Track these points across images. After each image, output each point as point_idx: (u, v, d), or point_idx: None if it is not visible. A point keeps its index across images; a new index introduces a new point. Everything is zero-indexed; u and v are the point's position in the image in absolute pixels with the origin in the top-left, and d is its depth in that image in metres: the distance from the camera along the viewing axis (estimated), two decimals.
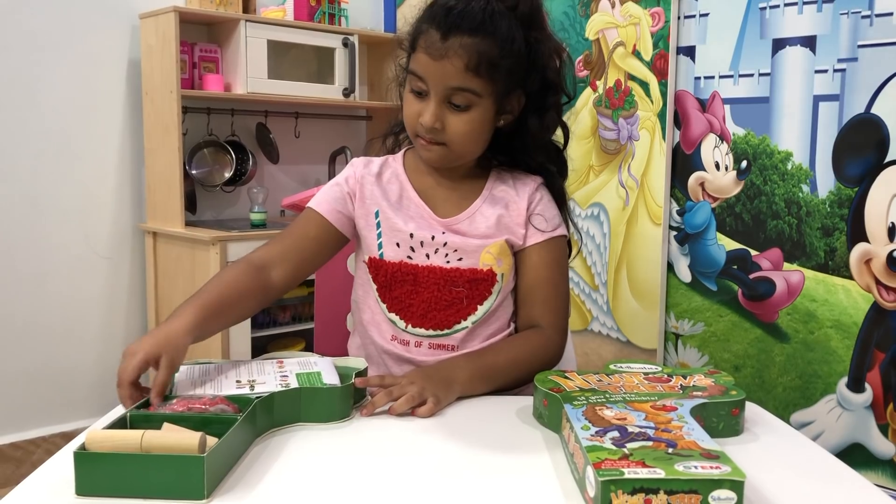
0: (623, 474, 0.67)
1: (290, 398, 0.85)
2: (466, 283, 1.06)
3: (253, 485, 0.70)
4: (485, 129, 1.04)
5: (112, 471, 0.66)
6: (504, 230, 1.08)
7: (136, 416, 0.78)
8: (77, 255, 2.43)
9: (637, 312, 2.16)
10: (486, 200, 1.09)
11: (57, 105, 2.35)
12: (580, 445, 0.74)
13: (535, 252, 1.09)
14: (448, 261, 1.06)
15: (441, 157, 1.05)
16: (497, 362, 1.01)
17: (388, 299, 1.08)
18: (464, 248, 1.06)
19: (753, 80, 1.90)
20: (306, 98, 2.56)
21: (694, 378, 0.97)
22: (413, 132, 1.05)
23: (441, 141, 1.02)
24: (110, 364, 2.48)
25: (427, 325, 1.07)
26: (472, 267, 1.06)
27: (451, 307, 1.07)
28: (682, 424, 0.81)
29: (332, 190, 1.11)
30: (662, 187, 2.07)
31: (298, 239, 1.07)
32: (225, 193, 2.66)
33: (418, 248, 1.07)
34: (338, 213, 1.09)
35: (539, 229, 1.09)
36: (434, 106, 1.00)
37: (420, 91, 1.01)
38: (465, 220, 1.08)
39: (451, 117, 1.01)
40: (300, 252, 1.07)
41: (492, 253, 1.07)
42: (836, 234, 1.74)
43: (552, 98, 1.06)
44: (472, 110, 1.01)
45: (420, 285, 1.06)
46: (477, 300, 1.07)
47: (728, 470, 0.69)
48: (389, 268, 1.07)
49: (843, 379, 1.74)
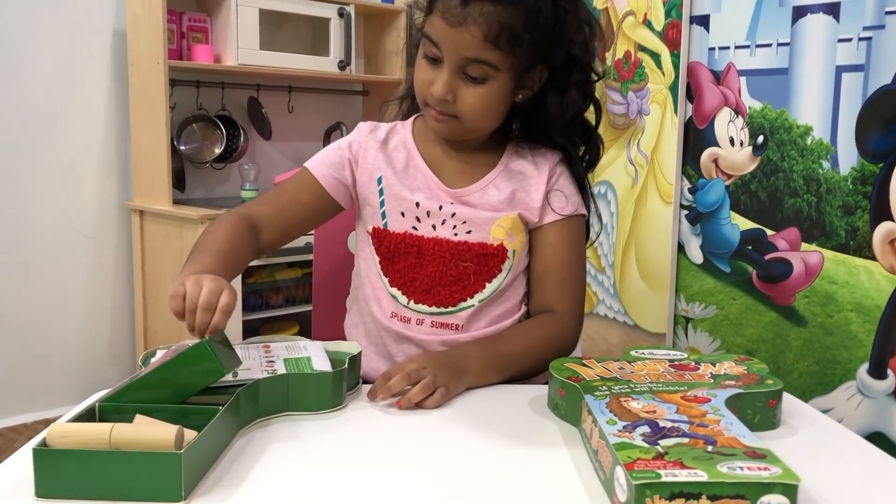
0: (660, 477, 0.60)
1: (277, 386, 0.79)
2: (474, 257, 1.00)
3: (236, 483, 0.65)
4: (500, 104, 0.97)
5: (76, 470, 0.60)
6: (518, 205, 1.02)
7: (107, 408, 0.72)
8: (60, 235, 2.36)
9: (645, 295, 2.09)
10: (502, 174, 1.03)
11: (38, 77, 2.27)
12: (606, 442, 0.67)
13: (553, 231, 1.02)
14: (456, 233, 1.00)
15: (451, 130, 0.98)
16: (512, 351, 0.95)
17: (391, 273, 1.02)
18: (473, 220, 1.00)
19: (771, 51, 1.81)
20: (300, 71, 2.47)
21: (724, 365, 0.90)
22: (423, 100, 0.98)
23: (452, 113, 0.95)
24: (95, 348, 2.43)
25: (430, 301, 1.00)
26: (482, 241, 1.00)
27: (457, 283, 1.00)
28: (719, 418, 0.73)
29: (333, 153, 1.04)
30: (673, 164, 1.99)
31: (289, 202, 1.02)
32: (215, 171, 2.58)
33: (424, 219, 1.00)
34: (334, 179, 1.02)
35: (558, 207, 1.02)
36: (447, 76, 0.93)
37: (434, 57, 0.94)
38: (476, 192, 1.01)
39: (464, 89, 0.94)
40: (290, 217, 1.02)
41: (503, 227, 1.00)
42: (859, 212, 1.67)
43: (577, 75, 0.98)
44: (488, 84, 0.94)
45: (424, 258, 1.00)
46: (485, 277, 1.01)
47: (779, 472, 0.61)
48: (393, 239, 1.01)
49: (864, 365, 1.67)
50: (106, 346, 2.46)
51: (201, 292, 0.77)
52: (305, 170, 1.03)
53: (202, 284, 0.78)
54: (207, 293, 0.77)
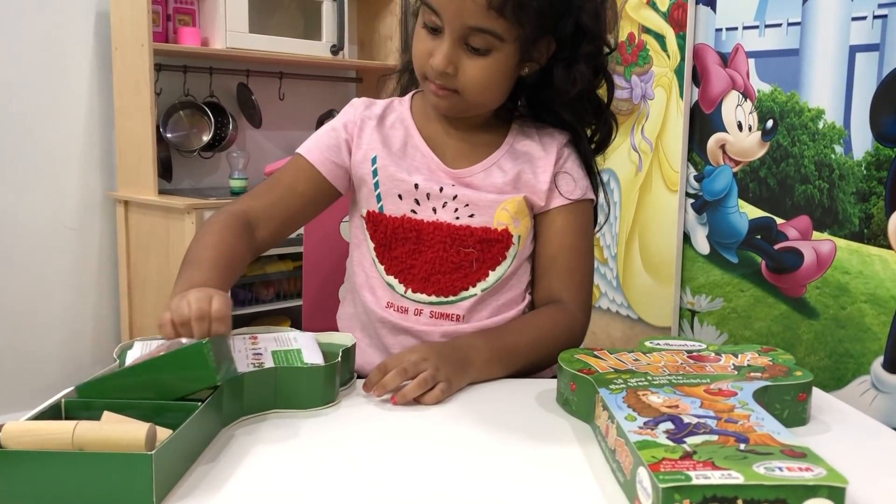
0: (690, 479, 0.53)
1: (264, 380, 0.73)
2: (477, 243, 0.94)
3: (216, 488, 0.59)
4: (504, 77, 0.91)
5: (34, 473, 0.54)
6: (524, 187, 0.96)
7: (74, 404, 0.66)
8: (41, 227, 2.29)
9: (650, 288, 2.03)
10: (507, 154, 0.97)
11: (17, 61, 2.19)
12: (626, 440, 0.61)
13: (560, 216, 0.97)
14: (458, 217, 0.94)
15: (452, 105, 0.92)
16: (518, 343, 0.89)
17: (387, 260, 0.96)
18: (476, 203, 0.94)
19: (781, 31, 1.76)
20: (291, 55, 2.40)
21: (747, 356, 0.84)
22: (422, 74, 0.92)
23: (452, 88, 0.89)
24: (79, 344, 2.36)
25: (429, 290, 0.94)
26: (485, 225, 0.94)
27: (458, 270, 0.94)
28: (749, 413, 0.67)
29: (327, 136, 0.98)
30: (679, 150, 1.94)
31: (285, 192, 0.95)
32: (203, 160, 2.50)
33: (424, 202, 0.94)
34: (331, 163, 0.96)
35: (566, 190, 0.96)
36: (448, 47, 0.87)
37: (433, 27, 0.88)
38: (479, 174, 0.95)
39: (466, 61, 0.88)
40: (287, 209, 0.95)
41: (508, 210, 0.94)
42: (873, 199, 1.61)
43: (586, 47, 0.91)
44: (492, 55, 0.87)
45: (423, 244, 0.94)
46: (489, 264, 0.95)
47: (823, 473, 0.54)
48: (390, 223, 0.95)
49: (879, 358, 1.62)
50: (90, 341, 2.39)
51: (189, 305, 0.71)
52: (299, 156, 0.97)
53: (187, 298, 0.72)
54: (196, 303, 0.70)
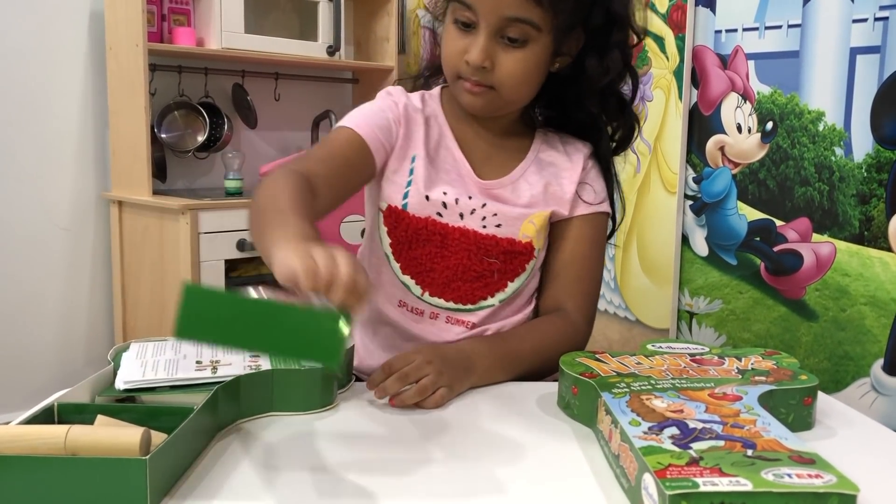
0: (698, 486, 0.52)
1: (261, 382, 0.72)
2: (501, 254, 0.93)
3: (211, 493, 0.58)
4: (539, 71, 0.89)
5: (25, 479, 0.53)
6: (551, 200, 0.95)
7: (67, 407, 0.65)
8: (34, 228, 2.26)
9: (648, 289, 2.02)
10: (532, 164, 0.96)
11: (10, 61, 2.17)
12: (630, 445, 0.60)
13: (577, 225, 0.96)
14: (485, 225, 0.92)
15: (487, 103, 0.89)
16: (521, 350, 0.88)
17: (404, 259, 0.93)
18: (505, 215, 0.92)
19: (781, 33, 1.75)
20: (287, 56, 2.38)
21: (751, 360, 0.83)
22: (455, 73, 0.89)
23: (489, 84, 0.87)
24: (72, 345, 2.33)
25: (448, 296, 0.93)
26: (511, 237, 0.93)
27: (480, 280, 0.93)
28: (755, 418, 0.66)
29: (376, 116, 0.91)
30: (678, 152, 1.93)
31: (342, 165, 0.87)
32: (198, 160, 2.48)
33: (451, 206, 0.92)
34: (380, 143, 0.90)
35: (586, 201, 0.96)
36: (484, 40, 0.84)
37: (467, 23, 0.85)
38: (507, 186, 0.94)
39: (502, 55, 0.85)
40: (344, 181, 0.87)
41: (535, 224, 0.93)
42: (874, 201, 1.60)
43: (617, 35, 0.89)
44: (529, 47, 0.85)
45: (448, 249, 0.92)
46: (508, 276, 0.94)
47: (833, 480, 0.53)
48: (413, 223, 0.92)
49: (879, 361, 1.61)
50: (83, 343, 2.37)
51: (338, 267, 0.57)
52: (348, 129, 0.89)
53: (335, 257, 0.58)
54: (348, 269, 0.57)
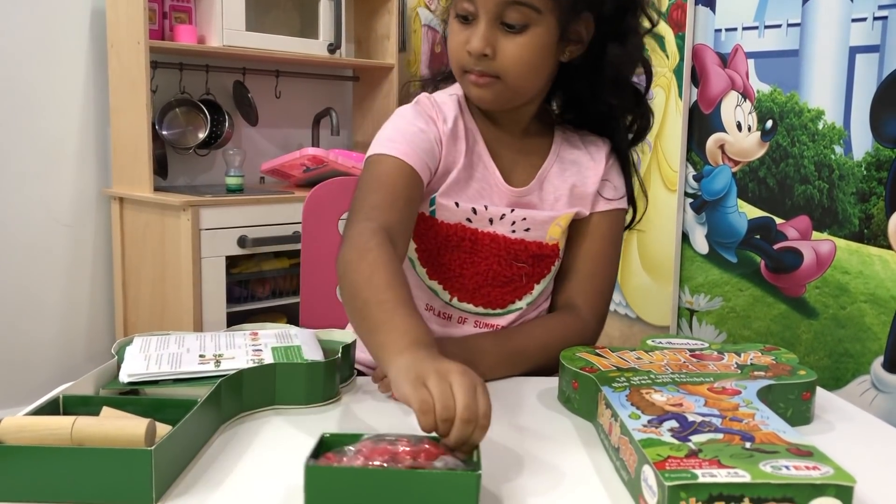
0: (696, 477, 0.53)
1: (264, 376, 0.72)
2: (530, 258, 0.92)
3: (215, 484, 0.58)
4: (545, 57, 0.86)
5: (32, 469, 0.54)
6: (577, 200, 0.94)
7: (72, 399, 0.66)
8: (35, 224, 2.26)
9: (648, 287, 2.02)
10: (556, 165, 0.95)
11: (12, 59, 2.17)
12: (630, 438, 0.60)
13: (594, 222, 0.95)
14: (514, 230, 0.91)
15: (495, 94, 0.87)
16: (527, 346, 0.88)
17: (432, 265, 0.92)
18: (534, 219, 0.92)
19: (781, 32, 1.75)
20: (287, 54, 2.38)
21: (750, 355, 0.84)
22: (460, 67, 0.87)
23: (493, 73, 0.85)
24: (72, 342, 2.34)
25: (478, 301, 0.92)
26: (539, 240, 0.92)
27: (509, 284, 0.93)
28: (753, 412, 0.66)
29: (418, 137, 0.87)
30: (678, 150, 1.93)
31: (407, 206, 0.84)
32: (198, 157, 2.48)
33: (481, 212, 0.91)
34: (427, 167, 0.87)
35: (606, 198, 0.95)
36: (483, 28, 0.83)
37: (466, 15, 0.85)
38: (535, 192, 0.93)
39: (503, 41, 0.84)
40: (412, 223, 0.86)
41: (561, 226, 0.93)
42: (874, 199, 1.60)
43: (631, 20, 0.88)
44: (530, 31, 0.83)
45: (478, 255, 0.91)
46: (535, 279, 0.94)
47: (831, 472, 0.54)
48: (442, 229, 0.90)
49: (879, 358, 1.61)
50: (84, 339, 2.37)
51: (458, 396, 0.56)
52: (398, 160, 0.84)
53: (451, 381, 0.58)
54: (464, 397, 0.56)
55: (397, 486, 0.52)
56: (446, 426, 0.56)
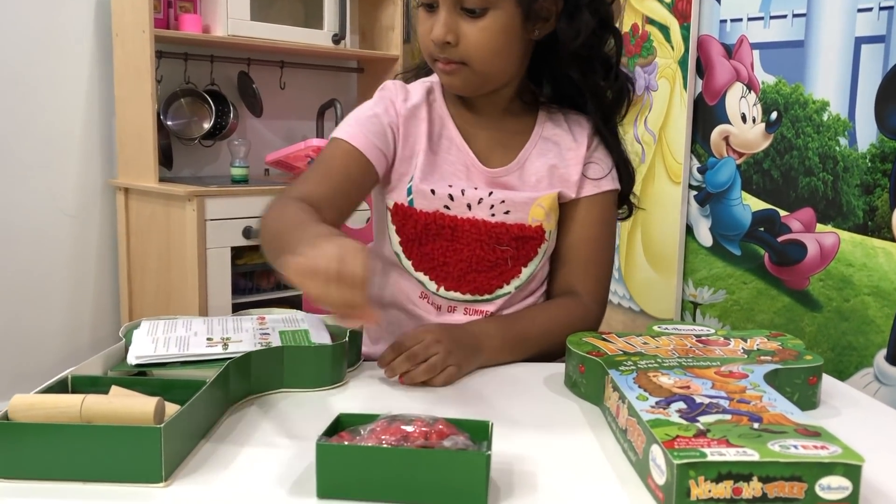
0: (705, 456, 0.53)
1: (271, 359, 0.72)
2: (513, 240, 0.92)
3: (224, 464, 0.58)
4: (510, 39, 0.86)
5: (42, 446, 0.54)
6: (558, 181, 0.94)
7: (81, 380, 0.66)
8: (41, 214, 2.26)
9: (652, 280, 2.02)
10: (537, 145, 0.94)
11: (16, 48, 2.17)
12: (638, 419, 0.60)
13: (584, 207, 0.95)
14: (493, 213, 0.91)
15: (464, 81, 0.88)
16: (530, 331, 0.88)
17: (416, 255, 0.92)
18: (513, 201, 0.91)
19: (786, 22, 1.74)
20: (292, 44, 2.38)
21: (756, 341, 0.84)
22: (430, 56, 0.88)
23: (459, 60, 0.86)
24: (78, 331, 2.34)
25: (464, 288, 0.92)
26: (520, 222, 0.92)
27: (494, 269, 0.92)
28: (761, 394, 0.66)
29: (370, 122, 0.90)
30: (682, 142, 1.93)
31: (342, 181, 0.88)
32: (203, 148, 2.48)
33: (458, 198, 0.91)
34: (377, 150, 0.90)
35: (594, 179, 0.94)
36: (444, 15, 0.84)
37: (429, 4, 0.85)
38: (514, 172, 0.93)
39: (465, 27, 0.84)
40: (345, 198, 0.88)
41: (543, 207, 0.92)
42: (878, 191, 1.60)
43: None
44: (490, 14, 0.84)
45: (459, 241, 0.91)
46: (522, 261, 0.93)
47: (839, 451, 0.54)
48: (421, 218, 0.91)
49: (882, 351, 1.60)
50: (89, 329, 2.37)
51: (341, 264, 0.57)
52: (344, 142, 0.89)
53: (342, 252, 0.58)
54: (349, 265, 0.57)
55: (407, 464, 0.52)
56: (316, 285, 0.57)
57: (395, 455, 0.53)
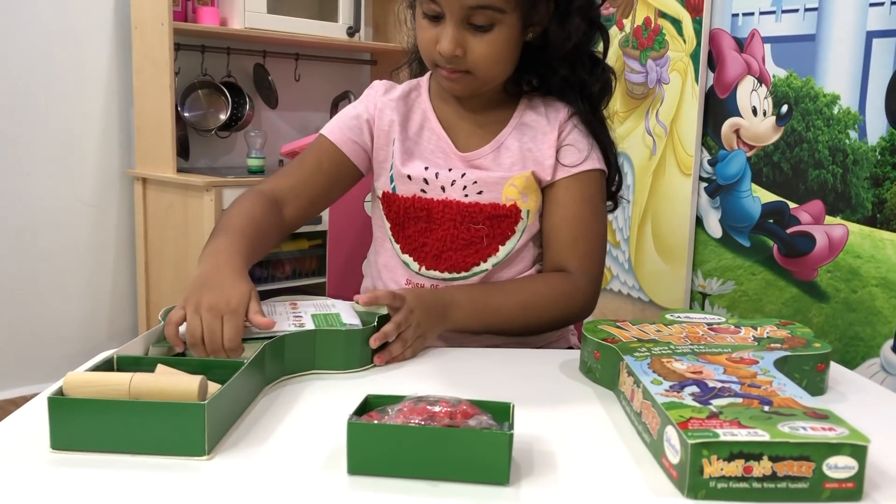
0: (718, 436, 0.55)
1: (305, 341, 0.75)
2: (487, 219, 0.95)
3: (261, 440, 0.61)
4: (512, 48, 0.91)
5: (94, 420, 0.57)
6: (531, 163, 0.96)
7: (125, 359, 0.68)
8: (60, 204, 2.30)
9: (661, 271, 2.04)
10: (514, 130, 0.98)
11: (37, 40, 2.20)
12: (653, 402, 0.63)
13: (563, 187, 0.97)
14: (466, 194, 0.95)
15: (466, 86, 0.92)
16: (504, 304, 0.91)
17: (402, 239, 0.98)
18: (485, 181, 0.95)
19: (798, 16, 1.75)
20: (307, 37, 2.40)
21: (766, 329, 0.86)
22: (431, 61, 0.92)
23: (464, 69, 0.90)
24: (96, 319, 2.38)
25: (441, 266, 0.96)
26: (494, 202, 0.95)
27: (469, 247, 0.96)
28: (771, 379, 0.69)
29: (349, 117, 0.99)
30: (693, 135, 1.94)
31: (311, 172, 0.96)
32: (220, 139, 2.51)
33: (433, 181, 0.95)
34: (353, 143, 0.97)
35: (569, 162, 0.96)
36: (452, 30, 0.87)
37: (434, 15, 0.88)
38: (488, 155, 0.96)
39: (472, 41, 0.88)
40: (313, 188, 0.96)
41: (516, 186, 0.94)
42: (887, 184, 1.61)
43: (578, 1, 0.91)
44: (496, 29, 0.88)
45: (434, 222, 0.95)
46: (498, 240, 0.96)
47: (846, 432, 0.56)
48: (402, 203, 0.96)
49: (889, 341, 1.62)
50: (107, 317, 2.42)
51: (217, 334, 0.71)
52: (322, 136, 0.98)
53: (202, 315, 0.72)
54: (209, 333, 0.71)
55: (434, 442, 0.54)
56: (197, 350, 0.71)
57: (422, 433, 0.55)
